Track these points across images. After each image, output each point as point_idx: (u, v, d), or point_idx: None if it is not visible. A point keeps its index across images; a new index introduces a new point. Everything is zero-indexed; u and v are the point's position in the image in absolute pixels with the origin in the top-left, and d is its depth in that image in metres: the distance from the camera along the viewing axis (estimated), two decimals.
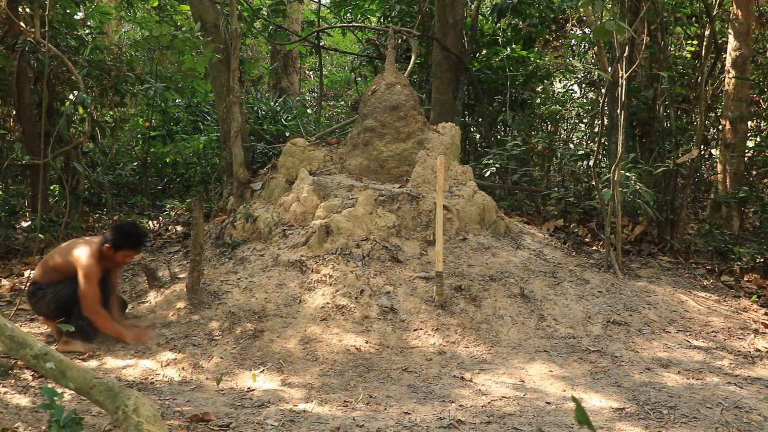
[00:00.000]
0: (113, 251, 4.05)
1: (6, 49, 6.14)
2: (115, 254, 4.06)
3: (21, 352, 2.61)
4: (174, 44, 5.83)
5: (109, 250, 4.04)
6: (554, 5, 8.86)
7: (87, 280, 3.94)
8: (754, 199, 6.80)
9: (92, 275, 3.96)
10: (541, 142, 7.84)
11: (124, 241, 4.06)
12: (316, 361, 3.85)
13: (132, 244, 4.11)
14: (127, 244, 4.08)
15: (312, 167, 5.91)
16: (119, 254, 4.07)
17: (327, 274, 4.68)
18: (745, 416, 3.13)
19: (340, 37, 15.06)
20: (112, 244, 4.03)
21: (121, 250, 4.06)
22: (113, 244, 4.04)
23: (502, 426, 2.91)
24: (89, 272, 3.95)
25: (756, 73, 8.35)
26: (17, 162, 6.74)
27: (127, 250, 4.10)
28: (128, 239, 4.08)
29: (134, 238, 4.12)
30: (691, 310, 4.90)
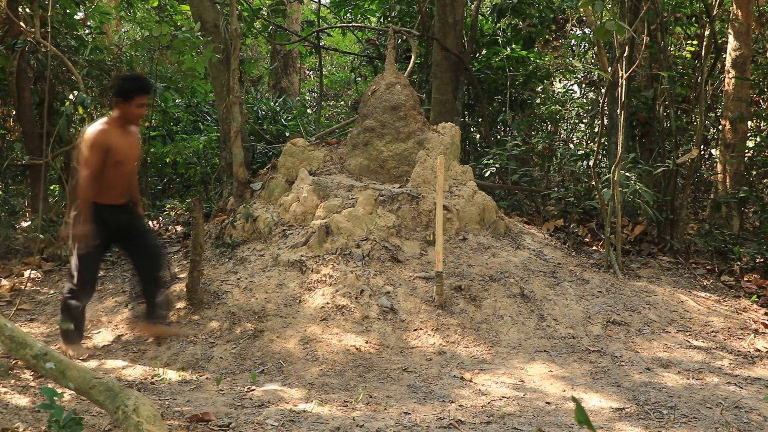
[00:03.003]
0: (126, 103, 3.82)
1: (6, 49, 6.14)
2: (130, 106, 3.82)
3: (21, 352, 2.61)
4: (174, 44, 5.83)
5: (121, 104, 3.82)
6: (554, 5, 8.86)
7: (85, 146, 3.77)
8: (754, 199, 6.80)
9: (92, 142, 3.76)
10: (541, 142, 7.83)
11: (131, 85, 3.83)
12: (316, 361, 3.85)
13: (140, 86, 3.86)
14: (136, 88, 3.83)
15: (312, 167, 5.91)
16: (133, 105, 3.82)
17: (327, 274, 4.68)
18: (745, 416, 3.13)
19: (340, 37, 15.06)
20: (122, 96, 3.81)
21: (134, 97, 3.81)
22: (123, 94, 3.81)
23: (502, 426, 2.91)
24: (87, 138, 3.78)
25: (756, 73, 8.35)
26: (17, 162, 6.74)
27: (138, 96, 3.83)
28: (135, 82, 3.86)
29: (140, 80, 3.92)
30: (691, 310, 4.90)
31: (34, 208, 6.30)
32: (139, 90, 3.82)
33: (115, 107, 3.86)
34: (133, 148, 3.96)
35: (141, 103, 3.86)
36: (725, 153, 7.28)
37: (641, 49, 6.06)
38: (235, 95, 5.99)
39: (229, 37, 6.29)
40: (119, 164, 3.83)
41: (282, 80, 11.33)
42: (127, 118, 3.87)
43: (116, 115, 3.86)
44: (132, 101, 3.81)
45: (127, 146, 3.88)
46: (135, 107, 3.84)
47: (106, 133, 3.78)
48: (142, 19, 10.85)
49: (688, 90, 7.82)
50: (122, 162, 3.85)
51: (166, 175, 9.06)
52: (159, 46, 7.13)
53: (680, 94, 7.79)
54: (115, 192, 3.91)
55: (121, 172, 3.87)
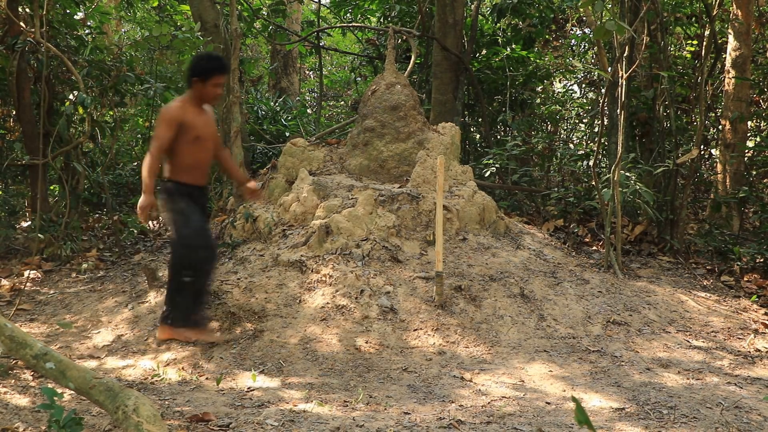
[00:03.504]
0: (204, 82, 3.83)
1: (6, 49, 6.14)
2: (206, 86, 3.84)
3: (21, 352, 2.61)
4: (174, 44, 5.84)
5: (199, 83, 3.83)
6: (554, 5, 8.86)
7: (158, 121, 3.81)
8: (754, 199, 6.80)
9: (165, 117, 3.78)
10: (541, 142, 7.83)
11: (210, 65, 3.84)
12: (316, 361, 3.85)
13: (218, 65, 3.87)
14: (214, 67, 3.84)
15: (312, 167, 5.91)
16: (209, 84, 3.84)
17: (327, 274, 4.68)
18: (745, 416, 3.13)
19: (340, 37, 15.06)
20: (200, 75, 3.82)
21: (211, 77, 3.83)
22: (201, 73, 3.82)
23: (502, 426, 2.91)
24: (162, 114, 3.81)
25: (756, 73, 8.35)
26: (17, 162, 6.74)
27: (216, 76, 3.85)
28: (214, 62, 3.88)
29: (218, 60, 3.92)
30: (691, 310, 4.90)
31: (34, 208, 6.29)
32: (217, 69, 3.84)
33: (192, 86, 3.86)
34: (209, 126, 3.97)
35: (218, 82, 3.87)
36: (725, 153, 7.28)
37: (641, 49, 6.06)
38: (235, 95, 5.99)
39: (229, 37, 6.29)
40: (198, 141, 3.85)
41: (282, 80, 11.33)
42: (202, 98, 3.89)
43: (192, 95, 3.88)
44: (209, 81, 3.83)
45: (203, 124, 3.90)
46: (211, 87, 3.85)
47: (181, 109, 3.80)
48: (142, 19, 10.85)
49: (688, 90, 7.81)
50: (201, 138, 3.87)
51: None
52: (159, 46, 7.13)
53: (680, 94, 7.79)
54: (197, 172, 3.95)
55: (200, 150, 3.89)
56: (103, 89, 6.52)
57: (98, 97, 6.52)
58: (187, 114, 3.82)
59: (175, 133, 3.79)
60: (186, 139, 3.82)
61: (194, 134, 3.83)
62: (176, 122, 3.78)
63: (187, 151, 3.85)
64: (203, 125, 3.90)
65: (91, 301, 4.95)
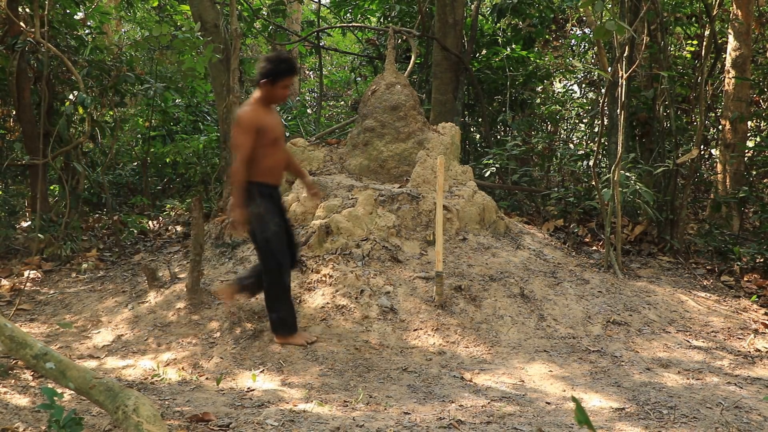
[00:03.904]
0: (272, 84, 3.80)
1: (6, 49, 6.14)
2: (275, 87, 3.81)
3: (21, 352, 2.61)
4: (174, 44, 5.83)
5: (268, 85, 3.81)
6: (554, 5, 8.86)
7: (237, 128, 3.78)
8: (754, 199, 6.80)
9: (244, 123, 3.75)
10: (541, 142, 7.84)
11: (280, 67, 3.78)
12: (316, 361, 3.85)
13: (289, 67, 3.81)
14: (285, 69, 3.79)
15: (312, 167, 5.91)
16: (279, 86, 3.81)
17: (327, 274, 4.68)
18: (745, 416, 3.13)
19: (340, 37, 15.07)
20: (269, 77, 3.79)
21: (280, 79, 3.79)
22: (270, 75, 3.78)
23: (502, 426, 2.91)
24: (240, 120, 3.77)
25: (756, 73, 8.35)
26: (17, 162, 6.74)
27: (286, 78, 3.81)
28: (284, 64, 3.81)
29: (288, 62, 3.85)
30: (691, 310, 4.90)
31: (34, 208, 6.30)
32: (287, 72, 3.80)
33: (260, 88, 3.84)
34: (280, 127, 3.98)
35: (287, 84, 3.84)
36: (725, 153, 7.28)
37: (641, 49, 6.06)
38: (235, 95, 5.99)
39: (229, 37, 6.29)
40: (276, 142, 3.85)
41: None
42: (270, 99, 3.87)
43: (260, 96, 3.85)
44: (279, 83, 3.80)
45: (276, 125, 3.89)
46: (280, 88, 3.83)
47: (255, 114, 3.79)
48: (142, 19, 10.86)
49: (688, 90, 7.82)
50: (278, 139, 3.87)
51: (166, 175, 9.06)
52: (159, 46, 7.14)
53: (680, 94, 7.79)
54: (276, 172, 3.94)
55: (278, 150, 3.89)
56: (103, 89, 6.53)
57: (98, 97, 6.53)
58: (262, 117, 3.80)
59: (255, 137, 3.77)
60: (264, 142, 3.79)
61: (272, 136, 3.82)
62: (254, 127, 3.75)
63: (267, 153, 3.82)
64: (277, 125, 3.90)
65: (91, 301, 4.95)
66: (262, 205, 3.83)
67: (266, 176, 3.87)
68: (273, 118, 3.90)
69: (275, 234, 3.84)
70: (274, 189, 3.95)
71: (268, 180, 3.90)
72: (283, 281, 3.90)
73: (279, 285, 3.90)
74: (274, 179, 3.94)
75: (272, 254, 3.86)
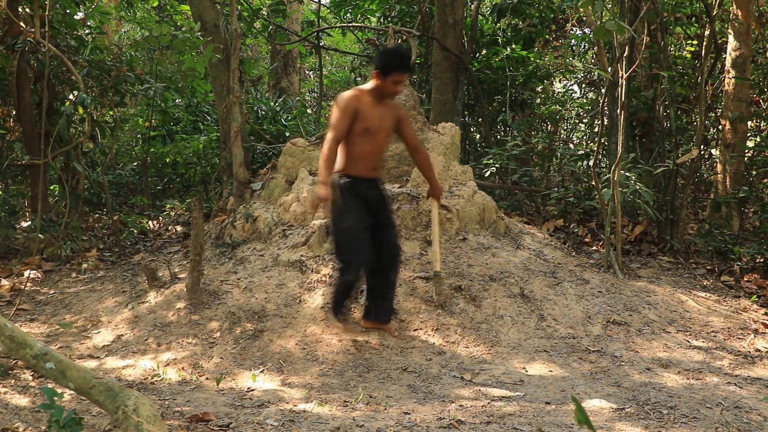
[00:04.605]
0: (383, 78, 3.71)
1: (6, 49, 6.14)
2: (386, 81, 3.71)
3: (21, 352, 2.61)
4: (174, 44, 5.83)
5: (378, 77, 3.72)
6: (554, 5, 8.86)
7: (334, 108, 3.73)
8: (754, 199, 6.80)
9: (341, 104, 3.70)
10: (541, 142, 7.83)
11: (391, 60, 3.68)
12: (316, 361, 3.85)
13: (400, 63, 3.68)
14: (395, 64, 3.67)
15: (312, 167, 5.91)
16: (389, 80, 3.71)
17: (327, 274, 4.68)
18: (745, 416, 3.13)
19: (340, 37, 15.07)
20: (380, 69, 3.69)
21: (391, 73, 3.69)
22: (382, 68, 3.69)
23: (502, 426, 2.91)
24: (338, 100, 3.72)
25: (756, 73, 8.35)
26: (17, 162, 6.74)
27: (396, 73, 3.69)
28: (396, 58, 3.70)
29: (401, 57, 3.72)
30: (691, 310, 4.90)
31: (34, 208, 6.30)
32: (398, 67, 3.69)
33: (373, 78, 3.77)
34: (383, 120, 3.82)
35: (397, 80, 3.73)
36: (725, 153, 7.27)
37: (641, 49, 6.06)
38: (235, 95, 5.99)
39: (229, 37, 6.29)
40: (367, 133, 3.75)
41: (282, 80, 11.33)
42: (380, 91, 3.77)
43: (371, 86, 3.79)
44: (388, 76, 3.71)
45: (377, 117, 3.77)
46: (391, 83, 3.73)
47: (357, 99, 3.72)
48: (142, 19, 10.86)
49: (688, 90, 7.81)
50: (370, 131, 3.76)
51: (166, 175, 9.07)
52: (159, 46, 7.14)
53: (680, 94, 7.79)
54: (364, 164, 3.84)
55: (370, 143, 3.78)
56: (103, 89, 6.53)
57: (98, 97, 6.53)
58: (362, 103, 3.72)
59: (351, 121, 3.70)
60: (355, 129, 3.72)
61: (364, 125, 3.72)
62: (351, 109, 3.69)
63: (354, 142, 3.75)
64: (376, 118, 3.78)
65: (91, 301, 4.95)
66: (341, 198, 3.73)
67: (350, 167, 3.79)
68: (376, 109, 3.77)
69: (348, 230, 3.76)
70: (360, 181, 3.83)
71: (352, 171, 3.80)
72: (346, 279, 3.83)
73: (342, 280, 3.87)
74: (359, 171, 3.82)
75: (341, 249, 3.81)
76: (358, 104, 3.73)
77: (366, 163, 3.85)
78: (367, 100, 3.76)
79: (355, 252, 3.79)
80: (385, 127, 3.86)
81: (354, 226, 3.76)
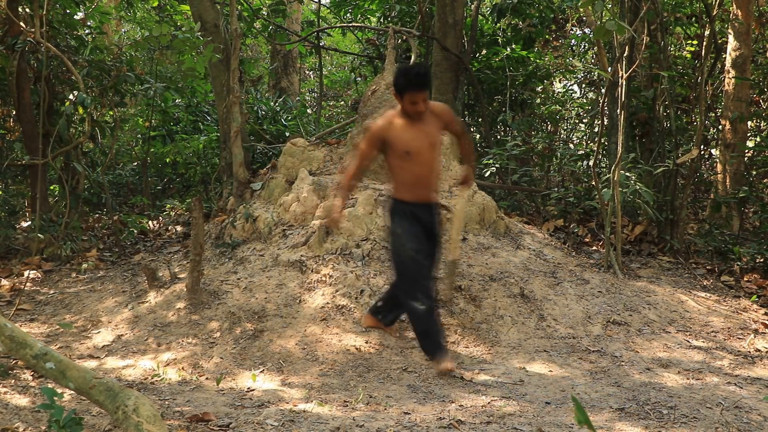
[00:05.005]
0: (401, 99, 3.57)
1: (6, 49, 6.14)
2: (403, 101, 3.57)
3: (21, 352, 2.61)
4: (174, 44, 5.83)
5: (397, 99, 3.59)
6: (554, 5, 8.86)
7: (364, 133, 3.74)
8: (754, 199, 6.79)
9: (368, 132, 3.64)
10: (541, 142, 7.83)
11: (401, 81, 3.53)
12: (316, 361, 3.85)
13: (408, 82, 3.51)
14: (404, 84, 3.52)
15: (312, 167, 5.91)
16: (406, 100, 3.56)
17: (327, 274, 4.68)
18: (745, 416, 3.13)
19: (340, 37, 15.06)
20: (396, 91, 3.57)
21: (404, 94, 3.54)
22: (396, 90, 3.57)
23: (502, 426, 2.91)
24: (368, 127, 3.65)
25: (756, 73, 8.35)
26: (17, 162, 6.74)
27: (408, 93, 3.52)
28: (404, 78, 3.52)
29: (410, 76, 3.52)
30: (691, 310, 4.90)
31: (34, 208, 6.30)
32: (408, 87, 3.52)
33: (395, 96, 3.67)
34: (422, 139, 3.61)
35: (413, 99, 3.54)
36: (725, 153, 7.27)
37: (641, 49, 6.05)
38: (235, 95, 5.99)
39: (229, 37, 6.29)
40: (407, 156, 3.58)
41: (282, 80, 11.33)
42: (405, 113, 3.62)
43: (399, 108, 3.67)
44: (404, 97, 3.57)
45: (412, 137, 3.60)
46: (408, 103, 3.57)
47: (386, 126, 3.62)
48: (142, 19, 10.86)
49: (688, 90, 7.81)
50: (411, 153, 3.58)
51: (166, 175, 9.07)
52: (159, 46, 7.13)
53: (680, 94, 7.79)
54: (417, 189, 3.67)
55: (415, 165, 3.60)
56: (103, 89, 6.53)
57: (98, 97, 6.53)
58: (392, 129, 3.59)
59: (376, 150, 3.62)
60: (395, 154, 3.60)
61: (402, 149, 3.57)
62: (377, 139, 3.60)
63: (399, 167, 3.62)
64: (412, 138, 3.59)
65: (91, 301, 4.95)
66: (399, 225, 3.63)
67: (402, 192, 3.66)
68: (410, 130, 3.60)
69: (410, 259, 3.62)
70: (415, 206, 3.67)
71: (405, 197, 3.66)
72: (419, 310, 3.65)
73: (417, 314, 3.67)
74: (411, 196, 3.66)
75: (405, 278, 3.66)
76: (388, 131, 3.60)
77: (419, 187, 3.68)
78: (399, 122, 3.62)
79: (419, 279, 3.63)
80: (428, 146, 3.65)
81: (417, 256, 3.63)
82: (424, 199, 3.71)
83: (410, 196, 3.68)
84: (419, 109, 3.58)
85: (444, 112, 3.78)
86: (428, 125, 3.67)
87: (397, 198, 3.69)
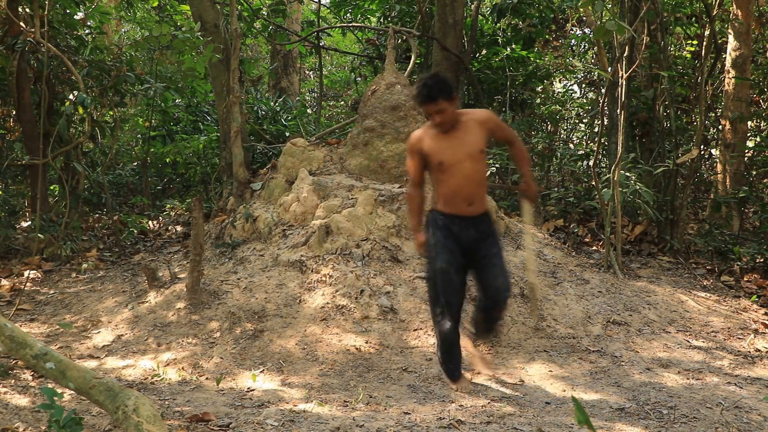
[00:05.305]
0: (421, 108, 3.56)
1: (6, 49, 6.14)
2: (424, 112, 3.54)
3: (21, 352, 2.61)
4: (174, 44, 5.83)
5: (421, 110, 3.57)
6: (554, 5, 8.86)
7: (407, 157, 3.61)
8: (754, 199, 6.80)
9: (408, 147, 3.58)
10: (541, 142, 7.83)
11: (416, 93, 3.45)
12: (316, 361, 3.85)
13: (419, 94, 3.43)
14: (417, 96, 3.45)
15: (312, 167, 5.91)
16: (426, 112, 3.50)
17: (327, 274, 4.68)
18: (745, 416, 3.13)
19: (340, 37, 15.06)
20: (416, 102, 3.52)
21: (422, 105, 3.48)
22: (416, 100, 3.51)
23: (502, 426, 2.91)
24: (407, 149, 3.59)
25: (756, 73, 8.35)
26: (17, 162, 6.74)
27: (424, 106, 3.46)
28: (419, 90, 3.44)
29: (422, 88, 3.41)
30: (691, 310, 4.90)
31: (34, 208, 6.30)
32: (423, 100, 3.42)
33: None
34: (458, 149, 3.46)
35: (430, 111, 3.42)
36: (725, 153, 7.27)
37: (641, 49, 6.06)
38: (235, 95, 5.99)
39: (229, 37, 6.29)
40: (442, 167, 3.46)
41: (282, 80, 11.32)
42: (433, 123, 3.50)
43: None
44: (423, 108, 3.51)
45: (445, 148, 3.46)
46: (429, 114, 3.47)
47: (420, 138, 3.54)
48: (142, 19, 10.85)
49: (688, 90, 7.81)
50: (445, 164, 3.45)
51: (166, 175, 9.07)
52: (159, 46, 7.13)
53: (680, 94, 7.79)
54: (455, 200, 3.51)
55: (451, 176, 3.47)
56: (103, 89, 6.53)
57: (98, 97, 6.53)
58: (426, 140, 3.50)
59: (420, 161, 3.53)
60: (432, 166, 3.50)
61: (437, 160, 3.46)
62: (415, 152, 3.53)
63: (437, 179, 3.53)
64: (445, 149, 3.47)
65: (91, 301, 4.95)
66: (433, 236, 3.54)
67: (440, 204, 3.55)
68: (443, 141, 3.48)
69: (440, 272, 3.46)
70: (453, 219, 3.51)
71: (443, 208, 3.53)
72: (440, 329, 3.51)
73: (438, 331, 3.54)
74: (449, 208, 3.52)
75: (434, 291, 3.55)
76: (423, 142, 3.51)
77: (458, 199, 3.51)
78: (432, 134, 3.51)
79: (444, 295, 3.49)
80: (464, 156, 3.48)
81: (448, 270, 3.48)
82: (463, 211, 3.52)
83: (448, 208, 3.54)
84: (438, 120, 3.44)
85: (487, 119, 3.59)
86: (467, 134, 3.51)
87: (436, 209, 3.60)
